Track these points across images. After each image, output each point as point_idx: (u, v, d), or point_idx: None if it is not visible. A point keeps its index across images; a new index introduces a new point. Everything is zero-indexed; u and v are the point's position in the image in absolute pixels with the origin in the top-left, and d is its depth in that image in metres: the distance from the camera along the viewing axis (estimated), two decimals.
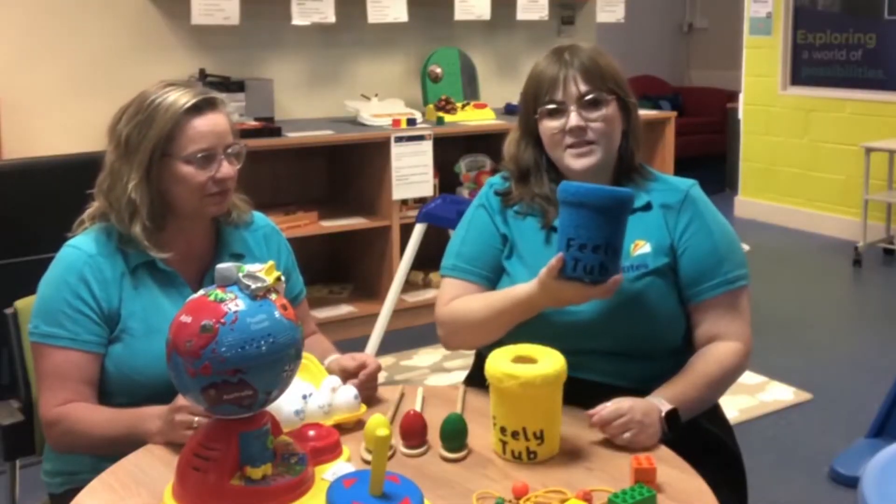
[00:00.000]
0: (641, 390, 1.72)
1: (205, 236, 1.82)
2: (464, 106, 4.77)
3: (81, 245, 1.73)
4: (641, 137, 1.85)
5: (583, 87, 1.75)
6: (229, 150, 1.74)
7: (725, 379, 1.74)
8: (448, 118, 4.63)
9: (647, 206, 1.79)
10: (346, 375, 1.72)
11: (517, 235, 1.81)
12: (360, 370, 1.72)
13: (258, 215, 1.92)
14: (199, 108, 1.70)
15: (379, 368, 1.75)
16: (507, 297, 1.72)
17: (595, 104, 1.75)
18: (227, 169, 1.73)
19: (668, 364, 1.75)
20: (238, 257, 1.81)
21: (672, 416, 1.58)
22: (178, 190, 1.72)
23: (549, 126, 1.77)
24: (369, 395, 1.70)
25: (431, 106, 4.72)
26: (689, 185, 1.84)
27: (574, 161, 1.76)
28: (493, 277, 1.81)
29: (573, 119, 1.74)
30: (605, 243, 1.55)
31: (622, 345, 1.72)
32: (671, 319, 1.74)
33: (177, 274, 1.76)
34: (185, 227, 1.77)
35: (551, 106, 1.76)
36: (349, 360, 1.76)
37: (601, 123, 1.75)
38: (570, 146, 1.76)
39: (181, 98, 1.69)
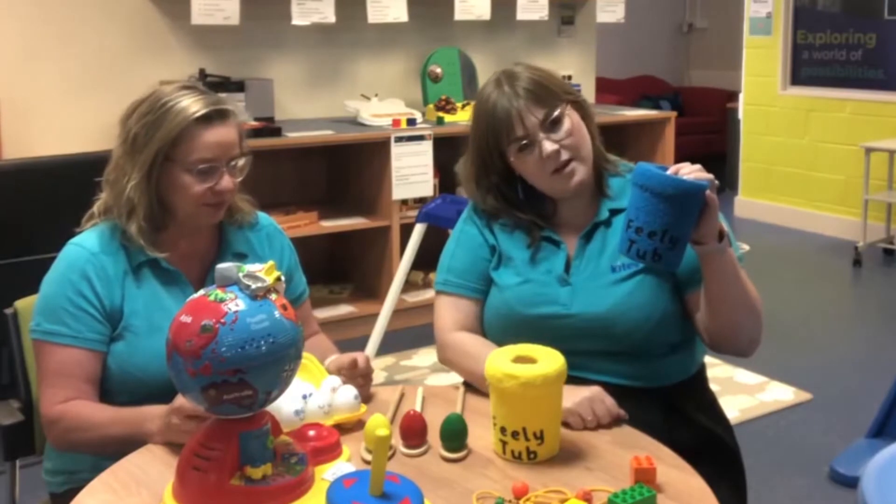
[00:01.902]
0: (642, 388, 1.73)
1: (208, 236, 1.82)
2: (464, 106, 4.77)
3: (84, 243, 1.73)
4: (596, 125, 1.84)
5: (539, 114, 1.74)
6: (232, 164, 1.73)
7: (753, 298, 1.69)
8: (448, 118, 4.63)
9: None
10: (340, 369, 1.71)
11: (505, 247, 1.81)
12: (352, 365, 1.72)
13: (262, 215, 1.92)
14: (208, 119, 1.69)
15: (368, 365, 1.73)
16: None
17: (557, 122, 1.74)
18: (226, 182, 1.72)
19: (668, 360, 1.75)
20: (241, 257, 1.81)
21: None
22: (175, 196, 1.72)
23: (526, 162, 1.76)
24: (363, 395, 1.69)
25: (431, 106, 4.72)
26: None
27: (565, 184, 1.76)
28: (485, 289, 1.82)
29: (546, 147, 1.73)
30: (661, 230, 1.52)
31: (620, 344, 1.72)
32: (667, 315, 1.74)
33: (179, 273, 1.76)
34: (187, 229, 1.77)
35: (522, 144, 1.74)
36: (345, 359, 1.76)
37: (570, 137, 1.75)
38: (554, 171, 1.75)
39: (193, 105, 1.68)
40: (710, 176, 1.58)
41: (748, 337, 1.74)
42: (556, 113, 1.74)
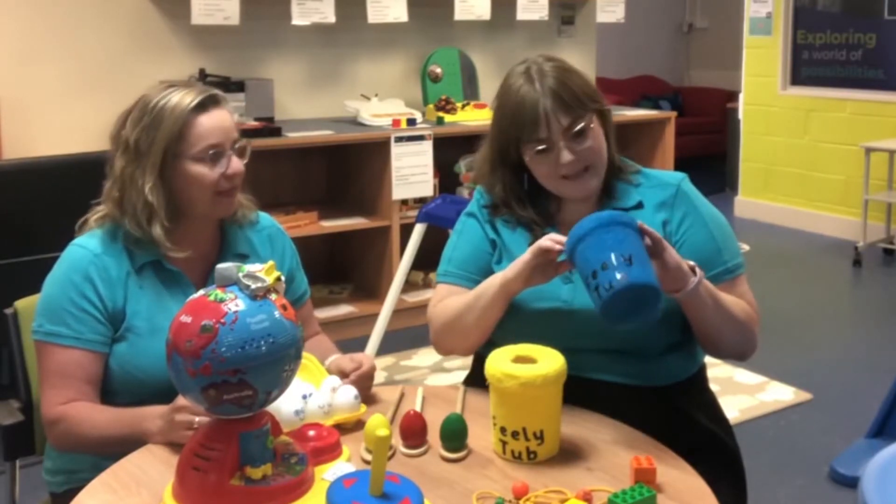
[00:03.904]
0: (642, 387, 1.73)
1: (210, 237, 1.82)
2: (464, 106, 4.78)
3: (87, 244, 1.73)
4: (614, 133, 1.85)
5: (564, 121, 1.71)
6: (236, 146, 1.75)
7: (739, 317, 1.70)
8: (448, 118, 4.63)
9: (639, 205, 1.80)
10: (344, 377, 1.72)
11: (507, 242, 1.81)
12: (356, 371, 1.72)
13: (264, 215, 1.92)
14: (204, 106, 1.71)
15: (373, 369, 1.75)
16: (486, 281, 1.73)
17: (581, 134, 1.73)
18: (236, 164, 1.74)
19: (669, 360, 1.75)
20: (242, 257, 1.81)
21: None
22: (191, 189, 1.72)
23: (540, 163, 1.75)
24: (364, 395, 1.70)
25: (431, 106, 4.72)
26: (680, 178, 1.84)
27: (575, 191, 1.76)
28: (483, 281, 1.81)
29: (565, 156, 1.72)
30: (610, 255, 1.51)
31: (620, 343, 1.72)
32: (668, 314, 1.73)
33: (182, 273, 1.76)
34: (195, 228, 1.78)
35: (540, 147, 1.73)
36: (347, 361, 1.76)
37: (590, 149, 1.74)
38: (566, 177, 1.75)
39: (185, 98, 1.70)
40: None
41: (736, 350, 1.77)
42: (581, 125, 1.73)
